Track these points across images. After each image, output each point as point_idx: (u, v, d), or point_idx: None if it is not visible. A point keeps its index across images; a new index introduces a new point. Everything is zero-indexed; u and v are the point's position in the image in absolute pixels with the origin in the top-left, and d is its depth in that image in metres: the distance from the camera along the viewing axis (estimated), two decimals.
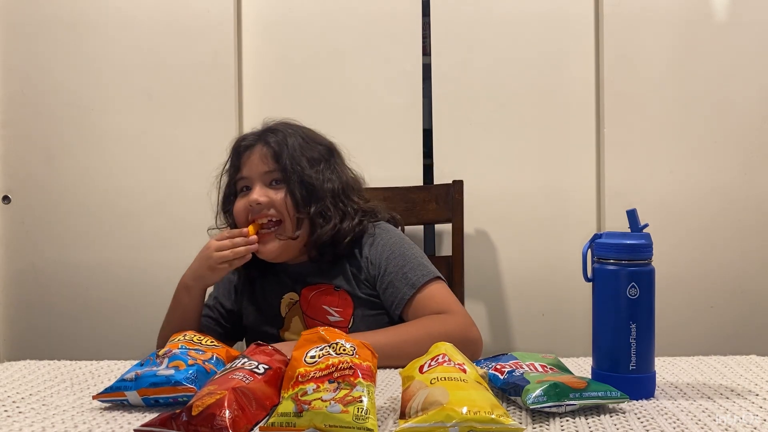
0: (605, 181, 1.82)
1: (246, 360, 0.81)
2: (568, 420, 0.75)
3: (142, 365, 0.85)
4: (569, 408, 0.76)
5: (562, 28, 1.84)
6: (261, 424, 0.71)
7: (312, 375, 0.73)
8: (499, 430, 0.66)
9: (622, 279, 0.83)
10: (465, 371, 0.75)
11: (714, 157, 1.82)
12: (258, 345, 0.86)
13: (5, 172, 1.87)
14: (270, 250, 1.22)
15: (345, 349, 0.77)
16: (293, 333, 1.26)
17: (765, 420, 0.73)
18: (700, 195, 1.82)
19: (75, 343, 1.85)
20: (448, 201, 1.68)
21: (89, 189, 1.86)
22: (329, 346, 0.78)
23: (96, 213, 1.85)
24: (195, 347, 0.89)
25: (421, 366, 0.77)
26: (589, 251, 0.87)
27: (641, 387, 0.84)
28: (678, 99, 1.82)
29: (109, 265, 1.85)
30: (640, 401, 0.82)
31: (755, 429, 0.71)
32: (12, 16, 1.85)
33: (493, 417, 0.66)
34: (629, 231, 0.86)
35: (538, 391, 0.76)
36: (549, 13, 1.84)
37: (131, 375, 0.82)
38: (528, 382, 0.79)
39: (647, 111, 1.82)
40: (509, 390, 0.82)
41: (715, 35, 1.81)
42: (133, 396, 0.81)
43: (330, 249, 1.24)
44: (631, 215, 0.86)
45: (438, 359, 0.77)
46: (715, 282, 1.82)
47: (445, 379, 0.72)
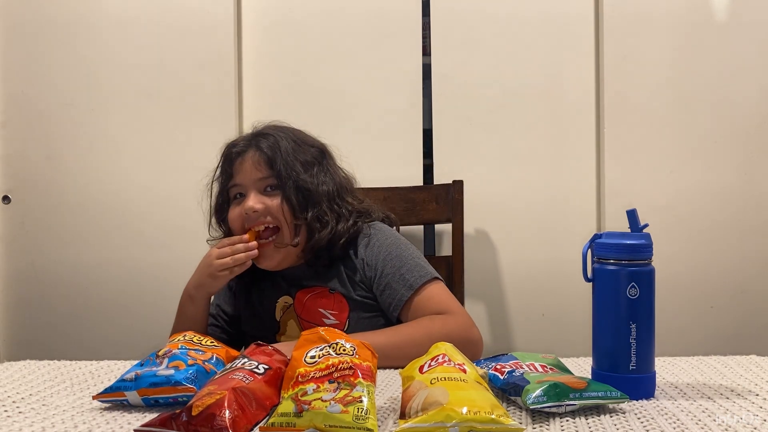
0: (605, 181, 1.82)
1: (246, 360, 0.81)
2: (568, 420, 0.75)
3: (141, 365, 0.85)
4: (569, 408, 0.76)
5: (562, 28, 1.84)
6: (261, 424, 0.71)
7: (312, 375, 0.73)
8: (499, 430, 0.66)
9: (622, 279, 0.83)
10: (465, 371, 0.75)
11: (714, 157, 1.82)
12: (258, 345, 0.86)
13: (5, 172, 1.87)
14: (270, 261, 1.22)
15: (345, 349, 0.77)
16: (289, 337, 1.26)
17: (765, 420, 0.73)
18: (700, 195, 1.82)
19: (75, 343, 1.85)
20: (448, 201, 1.68)
21: (89, 189, 1.86)
22: (329, 346, 0.78)
23: (96, 213, 1.85)
24: (195, 347, 0.89)
25: (421, 366, 0.77)
26: (589, 251, 0.87)
27: (641, 387, 0.84)
28: (678, 99, 1.82)
29: (109, 265, 1.85)
30: (640, 401, 0.82)
31: (755, 429, 0.71)
32: (12, 16, 1.85)
33: (493, 417, 0.66)
34: (629, 231, 0.86)
35: (538, 391, 0.76)
36: (549, 13, 1.84)
37: (131, 375, 0.82)
38: (528, 382, 0.79)
39: (647, 111, 1.82)
40: (509, 390, 0.82)
41: (715, 35, 1.81)
42: (133, 396, 0.81)
43: (325, 252, 1.23)
44: (631, 215, 0.86)
45: (438, 359, 0.77)
46: (715, 282, 1.82)
47: (445, 379, 0.72)
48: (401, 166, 1.84)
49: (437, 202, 1.69)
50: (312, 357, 0.76)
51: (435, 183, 1.82)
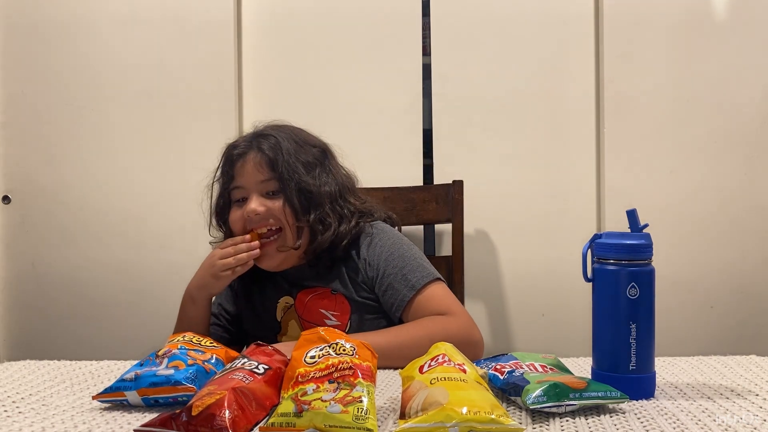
0: (605, 181, 1.82)
1: (246, 360, 0.81)
2: (568, 420, 0.75)
3: (141, 365, 0.85)
4: (569, 408, 0.76)
5: (562, 28, 1.84)
6: (261, 424, 0.71)
7: (312, 375, 0.73)
8: (499, 430, 0.66)
9: (622, 279, 0.83)
10: (465, 371, 0.75)
11: (714, 157, 1.82)
12: (258, 345, 0.86)
13: (5, 172, 1.87)
14: (272, 262, 1.22)
15: (345, 350, 0.77)
16: (290, 337, 1.25)
17: (765, 420, 0.73)
18: (700, 195, 1.82)
19: (75, 343, 1.85)
20: (448, 201, 1.68)
21: (89, 189, 1.86)
22: (329, 346, 0.78)
23: (96, 213, 1.85)
24: (194, 347, 0.89)
25: (421, 366, 0.77)
26: (589, 251, 0.87)
27: (641, 387, 0.84)
28: (678, 99, 1.82)
29: (109, 266, 1.85)
30: (640, 401, 0.82)
31: (755, 429, 0.70)
32: (12, 16, 1.86)
33: (493, 417, 0.66)
34: (629, 231, 0.86)
35: (538, 392, 0.76)
36: (549, 13, 1.84)
37: (131, 375, 0.82)
38: (528, 382, 0.79)
39: (647, 111, 1.82)
40: (509, 390, 0.82)
41: (715, 35, 1.81)
42: (133, 396, 0.81)
43: (327, 253, 1.23)
44: (631, 215, 0.86)
45: (438, 359, 0.77)
46: (715, 282, 1.82)
47: (445, 380, 0.72)
48: (401, 166, 1.84)
49: (437, 202, 1.69)
50: (312, 357, 0.76)
51: (435, 183, 1.82)
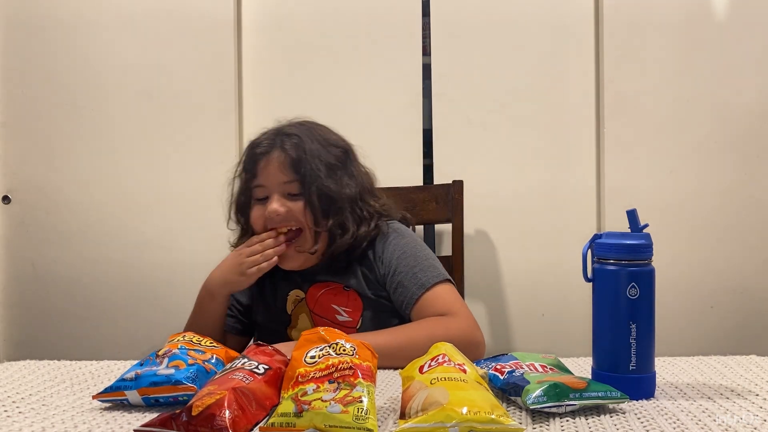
0: (605, 181, 1.82)
1: (246, 360, 0.81)
2: (568, 420, 0.75)
3: (141, 365, 0.85)
4: (569, 408, 0.76)
5: (562, 28, 1.84)
6: (261, 424, 0.71)
7: (312, 375, 0.73)
8: (499, 430, 0.66)
9: (622, 279, 0.83)
10: (465, 371, 0.75)
11: (714, 157, 1.82)
12: (258, 345, 0.86)
13: (5, 172, 1.87)
14: (292, 263, 1.22)
15: (345, 350, 0.77)
16: (300, 331, 1.24)
17: (765, 420, 0.73)
18: (700, 195, 1.82)
19: (75, 343, 1.85)
20: (448, 201, 1.68)
21: (89, 189, 1.86)
22: (329, 346, 0.77)
23: (96, 213, 1.85)
24: (194, 347, 0.89)
25: (421, 366, 0.77)
26: (589, 251, 0.87)
27: (641, 387, 0.84)
28: (678, 99, 1.82)
29: (109, 265, 1.85)
30: (640, 401, 0.82)
31: (755, 429, 0.70)
32: (12, 16, 1.86)
33: (493, 417, 0.66)
34: (629, 231, 0.86)
35: (538, 392, 0.76)
36: (549, 13, 1.84)
37: (131, 374, 0.82)
38: (528, 382, 0.79)
39: (647, 111, 1.82)
40: (509, 390, 0.82)
41: (715, 35, 1.81)
42: (133, 395, 0.81)
43: (345, 255, 1.23)
44: (631, 215, 0.86)
45: (438, 359, 0.77)
46: (715, 282, 1.82)
47: (445, 380, 0.72)
48: (401, 166, 1.84)
49: (437, 202, 1.69)
50: (312, 357, 0.76)
51: (435, 183, 1.82)
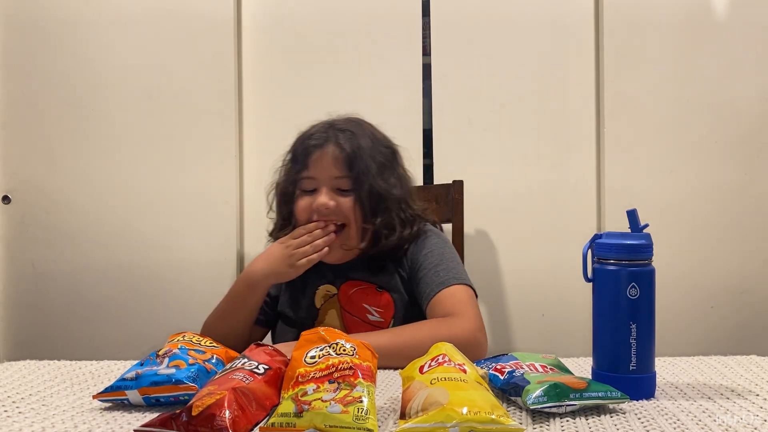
0: (605, 181, 1.82)
1: (246, 360, 0.81)
2: (568, 420, 0.75)
3: (142, 365, 0.85)
4: (569, 408, 0.76)
5: (562, 28, 1.84)
6: (261, 424, 0.71)
7: (312, 375, 0.73)
8: (500, 430, 0.66)
9: (622, 279, 0.83)
10: (465, 371, 0.75)
11: (714, 157, 1.82)
12: (258, 345, 0.86)
13: (5, 172, 1.87)
14: (334, 256, 1.22)
15: (345, 350, 0.77)
16: (328, 326, 1.24)
17: (765, 420, 0.73)
18: (700, 195, 1.82)
19: (75, 343, 1.85)
20: (448, 201, 1.68)
21: (89, 189, 1.86)
22: (329, 346, 0.77)
23: (96, 213, 1.85)
24: (194, 347, 0.89)
25: (421, 366, 0.77)
26: (589, 251, 0.87)
27: (641, 387, 0.83)
28: (678, 99, 1.82)
29: (109, 265, 1.85)
30: (640, 401, 0.82)
31: (755, 429, 0.70)
32: (12, 16, 1.86)
33: (493, 417, 0.66)
34: (629, 231, 0.86)
35: (538, 392, 0.76)
36: (549, 13, 1.84)
37: (132, 374, 0.82)
38: (528, 382, 0.79)
39: (647, 111, 1.82)
40: (509, 390, 0.82)
41: (715, 35, 1.81)
42: (134, 395, 0.81)
43: (386, 256, 1.24)
44: (631, 215, 0.86)
45: (438, 359, 0.77)
46: (715, 282, 1.82)
47: (445, 380, 0.72)
48: None
49: (437, 202, 1.69)
50: (312, 357, 0.76)
51: (435, 183, 1.82)
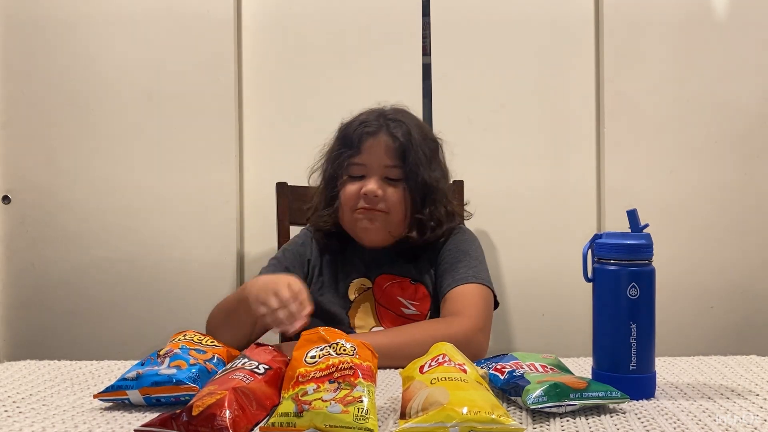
0: (605, 181, 1.82)
1: (246, 360, 0.81)
2: (568, 420, 0.75)
3: (143, 365, 0.85)
4: (569, 408, 0.76)
5: (562, 28, 1.84)
6: (261, 424, 0.71)
7: (312, 375, 0.73)
8: (500, 430, 0.66)
9: (622, 279, 0.83)
10: (465, 371, 0.75)
11: (714, 157, 1.82)
12: (258, 345, 0.86)
13: (5, 172, 1.87)
14: (375, 234, 1.22)
15: (345, 350, 0.77)
16: (362, 319, 1.25)
17: (765, 420, 0.73)
18: (700, 195, 1.82)
19: (75, 343, 1.85)
20: None
21: (89, 189, 1.86)
22: (329, 346, 0.77)
23: (96, 213, 1.85)
24: (196, 347, 0.89)
25: (422, 366, 0.77)
26: (590, 251, 0.87)
27: (641, 387, 0.84)
28: (678, 99, 1.82)
29: (109, 265, 1.85)
30: (640, 401, 0.82)
31: (756, 429, 0.71)
32: (12, 16, 1.85)
33: (494, 417, 0.66)
34: (629, 231, 0.86)
35: (538, 392, 0.76)
36: (549, 13, 1.84)
37: (133, 374, 0.82)
38: (528, 382, 0.79)
39: (647, 111, 1.82)
40: (509, 390, 0.82)
41: (715, 35, 1.81)
42: (135, 395, 0.81)
43: (421, 248, 1.25)
44: (632, 215, 0.86)
45: (438, 359, 0.77)
46: (715, 282, 1.82)
47: (446, 380, 0.72)
48: None
49: None
50: (312, 357, 0.76)
51: None
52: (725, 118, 1.82)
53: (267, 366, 0.80)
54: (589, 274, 0.87)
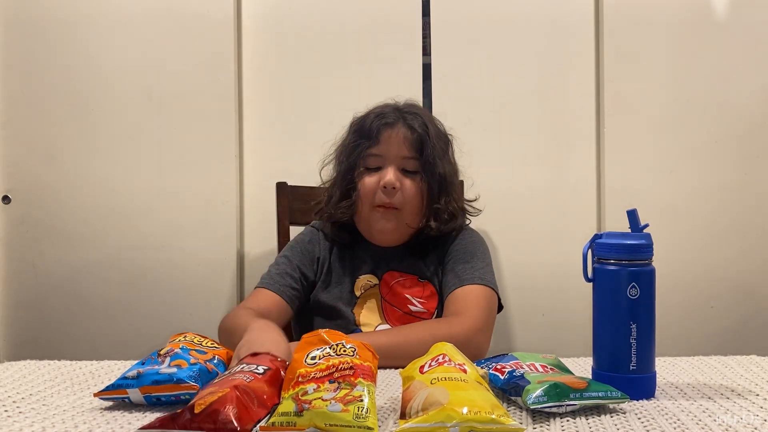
0: (605, 181, 1.82)
1: (244, 364, 0.81)
2: (568, 420, 0.75)
3: (143, 364, 0.85)
4: (570, 408, 0.76)
5: (562, 28, 1.84)
6: (262, 423, 0.71)
7: (312, 375, 0.73)
8: (500, 430, 0.66)
9: (622, 279, 0.83)
10: (465, 371, 0.75)
11: (714, 157, 1.82)
12: (254, 355, 0.85)
13: (5, 172, 1.87)
14: (389, 234, 1.23)
15: (345, 350, 0.77)
16: (367, 316, 1.24)
17: (765, 420, 0.73)
18: (700, 195, 1.82)
19: (75, 343, 1.85)
20: None
21: (89, 189, 1.85)
22: (330, 347, 0.78)
23: (96, 213, 1.85)
24: (196, 347, 0.89)
25: (422, 366, 0.77)
26: (590, 251, 0.87)
27: (642, 387, 0.84)
28: (678, 99, 1.82)
29: (110, 265, 1.85)
30: (640, 401, 0.82)
31: (756, 429, 0.71)
32: (12, 16, 1.85)
33: (494, 417, 0.66)
34: (629, 231, 0.86)
35: (538, 392, 0.76)
36: (549, 13, 1.84)
37: (133, 373, 0.82)
38: (528, 382, 0.79)
39: (647, 111, 1.82)
40: (509, 390, 0.82)
41: (715, 35, 1.81)
42: (135, 394, 0.81)
43: (430, 244, 1.26)
44: (632, 215, 0.86)
45: (438, 359, 0.77)
46: (715, 282, 1.82)
47: (446, 380, 0.72)
48: None
49: None
50: (313, 358, 0.76)
51: None
52: (725, 118, 1.82)
53: (266, 367, 0.80)
54: (589, 274, 0.87)
